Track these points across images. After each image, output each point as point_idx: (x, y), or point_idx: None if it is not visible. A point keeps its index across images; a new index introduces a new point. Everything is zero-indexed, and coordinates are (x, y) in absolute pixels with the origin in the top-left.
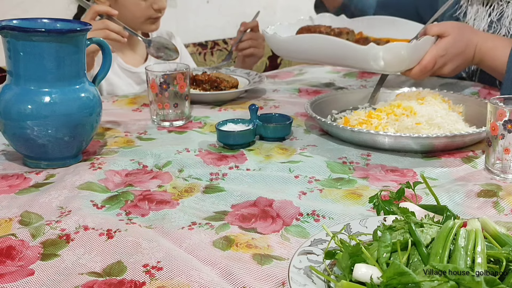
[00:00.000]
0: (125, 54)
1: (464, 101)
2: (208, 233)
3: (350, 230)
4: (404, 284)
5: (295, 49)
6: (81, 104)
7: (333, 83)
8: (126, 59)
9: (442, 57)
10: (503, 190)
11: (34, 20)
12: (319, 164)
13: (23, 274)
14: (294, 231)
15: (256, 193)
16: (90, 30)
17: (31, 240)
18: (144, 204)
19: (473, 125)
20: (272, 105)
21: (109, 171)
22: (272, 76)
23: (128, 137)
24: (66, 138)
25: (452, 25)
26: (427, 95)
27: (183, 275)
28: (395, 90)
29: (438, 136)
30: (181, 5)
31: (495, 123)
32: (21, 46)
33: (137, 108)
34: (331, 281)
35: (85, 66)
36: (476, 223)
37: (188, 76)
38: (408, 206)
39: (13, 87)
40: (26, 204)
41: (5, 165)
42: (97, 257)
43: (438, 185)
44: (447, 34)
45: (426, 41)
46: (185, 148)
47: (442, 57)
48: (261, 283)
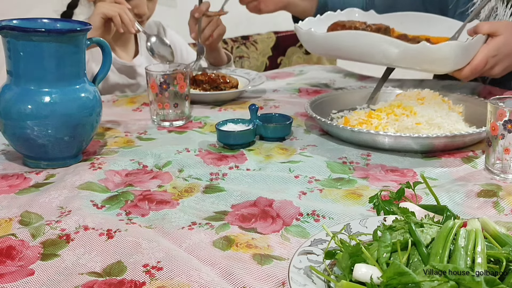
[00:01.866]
0: (116, 50)
1: (464, 101)
2: (208, 233)
3: (350, 230)
4: (404, 284)
5: (334, 47)
6: (81, 104)
7: (333, 83)
8: (117, 54)
9: (494, 58)
10: (503, 190)
11: (34, 20)
12: (319, 164)
13: (23, 274)
14: (294, 231)
15: (256, 193)
16: (90, 30)
17: (31, 240)
18: (144, 204)
19: (473, 125)
20: (272, 105)
21: (109, 171)
22: (272, 76)
23: (128, 137)
24: (66, 138)
25: (504, 25)
26: (427, 95)
27: (183, 275)
28: (395, 90)
29: (438, 136)
30: (181, 5)
31: (495, 123)
32: (21, 46)
33: (137, 107)
34: (331, 281)
35: (85, 66)
36: (476, 223)
37: (188, 76)
38: (408, 206)
39: (13, 87)
40: (26, 204)
41: (5, 165)
42: (97, 257)
43: (438, 185)
44: (499, 33)
45: (479, 40)
46: (185, 148)
47: (493, 58)
48: (261, 283)
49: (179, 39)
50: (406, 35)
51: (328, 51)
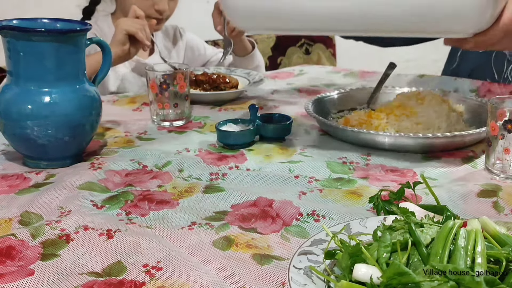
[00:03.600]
0: None
1: (464, 101)
2: (208, 233)
3: (350, 230)
4: (404, 284)
5: (279, 11)
6: (81, 104)
7: (333, 83)
8: None
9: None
10: (503, 190)
11: (34, 20)
12: (319, 164)
13: (23, 274)
14: (294, 231)
15: (256, 193)
16: (90, 30)
17: (31, 240)
18: (144, 204)
19: (473, 125)
20: (272, 105)
21: (109, 171)
22: (272, 76)
23: (128, 137)
24: (66, 138)
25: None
26: (427, 95)
27: (183, 275)
28: (395, 90)
29: (438, 136)
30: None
31: (495, 123)
32: (21, 46)
33: (137, 107)
34: (331, 281)
35: (85, 66)
36: (476, 223)
37: (188, 76)
38: (408, 206)
39: (13, 87)
40: (26, 204)
41: (5, 165)
42: (97, 257)
43: (438, 185)
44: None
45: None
46: (185, 148)
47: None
48: (261, 283)
49: (197, 40)
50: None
51: (268, 21)
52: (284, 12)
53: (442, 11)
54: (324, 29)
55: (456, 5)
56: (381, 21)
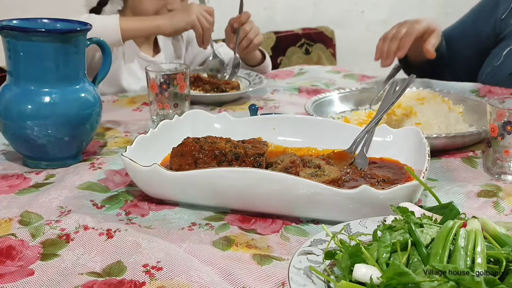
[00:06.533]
0: (141, 46)
1: (464, 101)
2: (208, 234)
3: (350, 230)
4: (404, 284)
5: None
6: (81, 104)
7: (333, 83)
8: (141, 49)
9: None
10: (503, 191)
11: (34, 20)
12: None
13: (23, 274)
14: (293, 231)
15: None
16: (90, 30)
17: (31, 240)
18: (144, 204)
19: (473, 125)
20: (272, 105)
21: (109, 171)
22: (272, 76)
23: (128, 137)
24: (66, 138)
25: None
26: (427, 95)
27: (183, 275)
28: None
29: (438, 136)
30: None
31: (495, 124)
32: (21, 46)
33: (137, 107)
34: (331, 281)
35: (85, 66)
36: (476, 223)
37: (188, 76)
38: (408, 206)
39: (13, 87)
40: (26, 204)
41: (5, 165)
42: (97, 257)
43: (438, 186)
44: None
45: None
46: None
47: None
48: (261, 283)
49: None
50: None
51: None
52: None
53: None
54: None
55: None
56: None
